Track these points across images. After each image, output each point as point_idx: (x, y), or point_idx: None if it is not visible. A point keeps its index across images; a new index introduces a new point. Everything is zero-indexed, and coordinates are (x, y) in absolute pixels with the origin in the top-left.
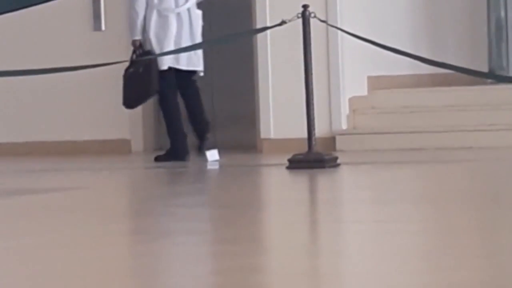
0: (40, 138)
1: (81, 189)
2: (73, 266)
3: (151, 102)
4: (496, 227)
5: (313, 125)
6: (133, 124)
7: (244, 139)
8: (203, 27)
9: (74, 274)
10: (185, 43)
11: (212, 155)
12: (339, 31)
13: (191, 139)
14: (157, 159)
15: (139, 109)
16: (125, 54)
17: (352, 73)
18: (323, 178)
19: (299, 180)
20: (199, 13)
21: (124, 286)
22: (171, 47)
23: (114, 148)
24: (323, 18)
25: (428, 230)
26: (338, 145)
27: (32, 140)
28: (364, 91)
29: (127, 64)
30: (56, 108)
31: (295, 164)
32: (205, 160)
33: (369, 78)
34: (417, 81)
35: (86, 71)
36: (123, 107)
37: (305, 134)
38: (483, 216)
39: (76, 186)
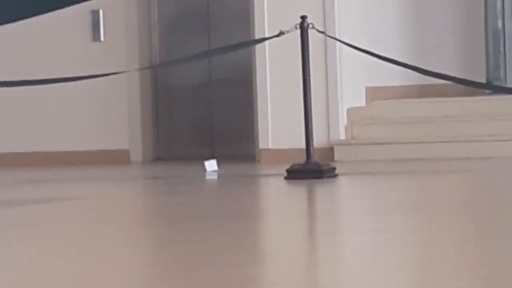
0: (39, 148)
1: (80, 200)
2: (72, 275)
3: (150, 112)
4: (494, 237)
5: (311, 135)
6: (132, 134)
7: (242, 149)
8: (202, 38)
9: (74, 283)
10: None
11: (211, 165)
12: (337, 42)
13: (190, 148)
14: None
15: (137, 119)
16: (124, 64)
17: (350, 83)
18: (321, 188)
19: (297, 190)
20: None
21: None
22: None
23: (113, 158)
24: (321, 29)
25: (426, 240)
26: (336, 156)
27: (31, 150)
28: (362, 102)
29: (125, 75)
30: (55, 118)
31: (294, 174)
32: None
33: (367, 88)
34: (415, 92)
35: (85, 81)
36: (122, 117)
37: (303, 145)
38: (481, 227)
39: (75, 196)
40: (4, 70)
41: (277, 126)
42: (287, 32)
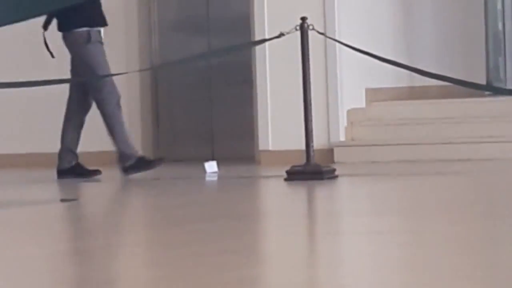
0: (38, 149)
1: (79, 201)
2: (69, 277)
3: (150, 114)
4: (493, 239)
5: (311, 137)
6: (131, 136)
7: (242, 150)
8: (202, 40)
9: (71, 284)
10: None
11: (211, 166)
12: (337, 43)
13: (190, 149)
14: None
15: (137, 120)
16: (124, 66)
17: (350, 85)
18: (321, 190)
19: (298, 192)
20: None
21: None
22: None
23: (112, 160)
24: (321, 30)
25: (426, 241)
26: (336, 157)
27: (30, 151)
28: (362, 103)
29: (124, 76)
30: (54, 119)
31: (293, 175)
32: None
33: (367, 90)
34: (415, 93)
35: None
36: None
37: (303, 146)
38: (480, 228)
39: (74, 197)
40: (2, 71)
41: (277, 128)
42: (287, 33)
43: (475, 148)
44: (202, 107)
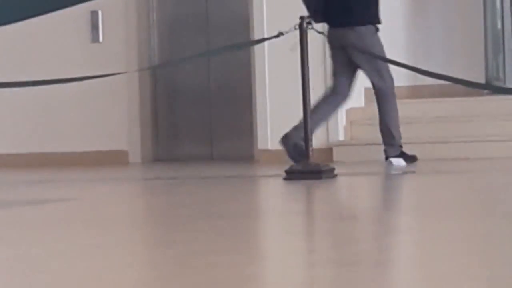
0: (38, 149)
1: (79, 201)
2: (69, 276)
3: (149, 113)
4: (493, 237)
5: (311, 136)
6: (130, 135)
7: (241, 149)
8: (202, 40)
9: (71, 283)
10: None
11: (398, 162)
12: None
13: (189, 149)
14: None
15: (136, 120)
16: (123, 65)
17: None
18: (320, 189)
19: (296, 191)
20: None
21: None
22: None
23: (111, 160)
24: (320, 30)
25: (425, 240)
26: (335, 156)
27: (30, 151)
28: (361, 103)
29: (124, 75)
30: (54, 119)
31: (292, 175)
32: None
33: (366, 89)
34: (414, 92)
35: (83, 82)
36: (121, 118)
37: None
38: (480, 227)
39: (73, 197)
40: (3, 71)
41: (276, 127)
42: (286, 32)
43: (474, 147)
44: (201, 107)
